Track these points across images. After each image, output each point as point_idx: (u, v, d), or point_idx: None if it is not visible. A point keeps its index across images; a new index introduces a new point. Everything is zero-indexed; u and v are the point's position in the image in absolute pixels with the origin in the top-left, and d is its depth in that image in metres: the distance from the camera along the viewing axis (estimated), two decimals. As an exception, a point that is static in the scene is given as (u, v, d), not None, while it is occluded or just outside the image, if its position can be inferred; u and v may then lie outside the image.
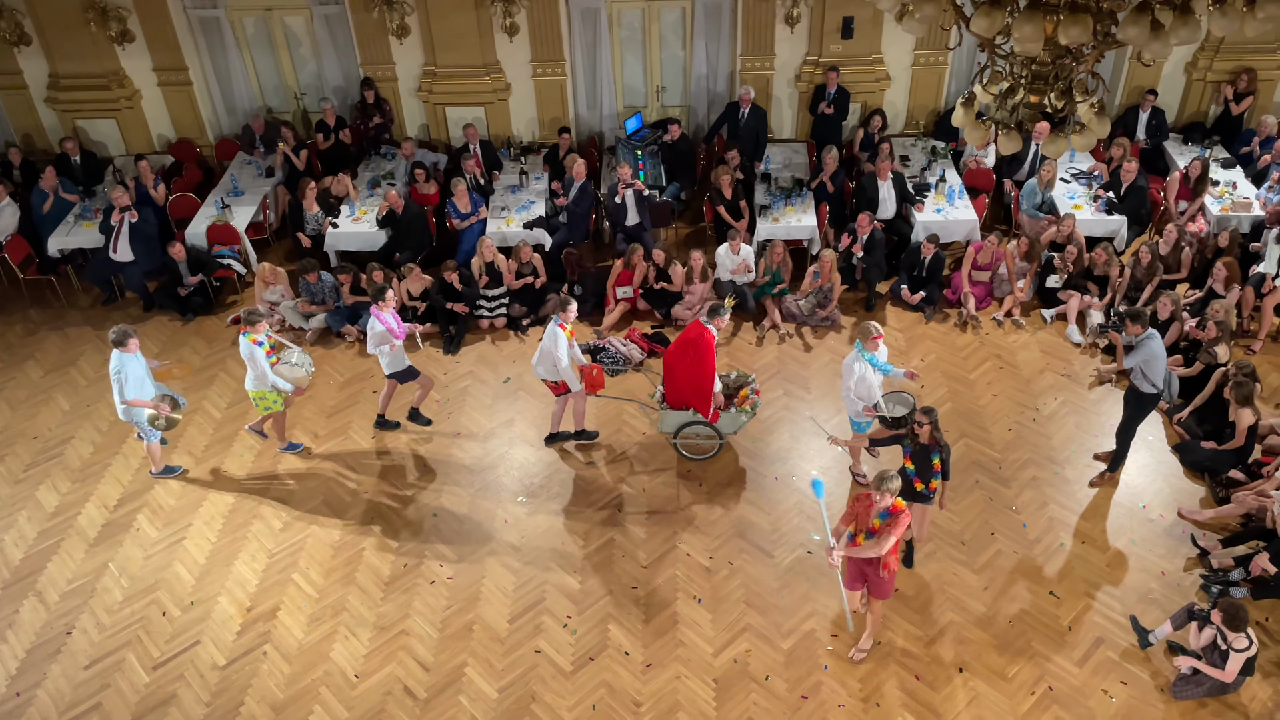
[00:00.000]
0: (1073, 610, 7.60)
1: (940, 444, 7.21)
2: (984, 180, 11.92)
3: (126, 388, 8.27)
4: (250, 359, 8.48)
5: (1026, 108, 5.86)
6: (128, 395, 8.30)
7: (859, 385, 7.98)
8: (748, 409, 8.81)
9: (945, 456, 7.28)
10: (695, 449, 9.01)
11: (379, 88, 12.70)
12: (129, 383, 8.27)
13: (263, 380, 8.58)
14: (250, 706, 7.21)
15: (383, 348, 8.70)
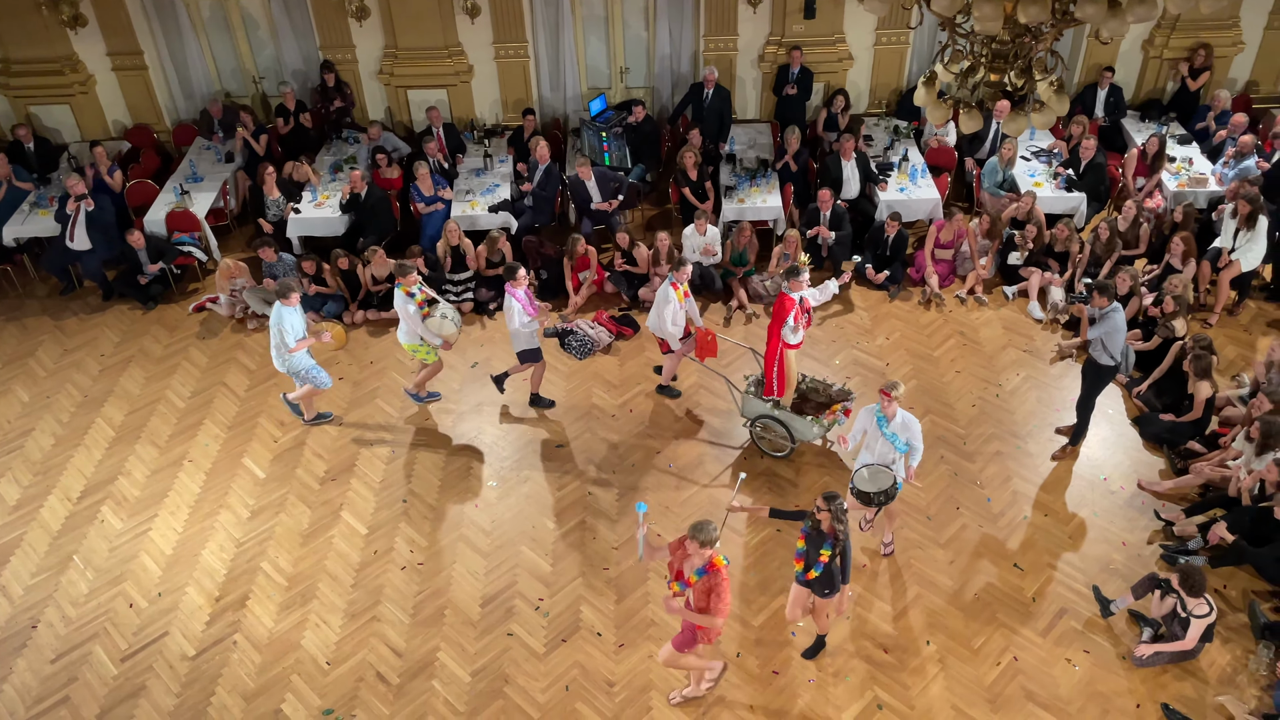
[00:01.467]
0: (1036, 582, 7.74)
1: (839, 538, 6.37)
2: (946, 159, 12.02)
3: (289, 336, 8.50)
4: (403, 311, 8.67)
5: (987, 86, 5.92)
6: (291, 343, 8.53)
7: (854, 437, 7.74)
8: (824, 422, 8.54)
9: (844, 554, 6.42)
10: (770, 444, 8.80)
11: (339, 71, 12.54)
12: (291, 334, 8.51)
13: (412, 334, 8.76)
14: (221, 696, 7.18)
15: (523, 327, 8.69)
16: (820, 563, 6.43)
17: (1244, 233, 9.68)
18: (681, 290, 8.72)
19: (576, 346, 10.10)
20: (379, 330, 10.55)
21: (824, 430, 8.57)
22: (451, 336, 8.87)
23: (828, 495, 6.31)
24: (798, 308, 8.26)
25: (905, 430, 7.29)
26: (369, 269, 10.51)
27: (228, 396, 9.79)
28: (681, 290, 8.72)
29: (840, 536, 6.37)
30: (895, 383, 7.21)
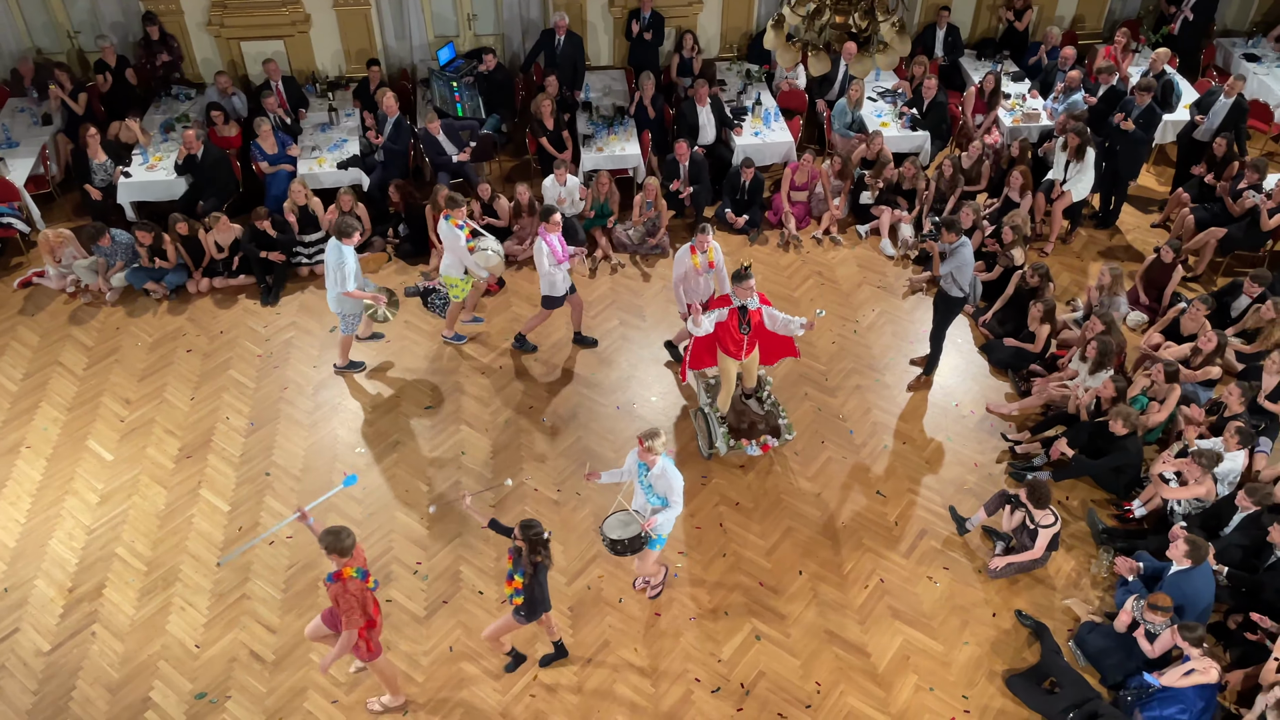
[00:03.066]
0: (898, 506, 8.12)
1: (532, 567, 6.06)
2: (797, 101, 12.22)
3: (349, 280, 8.35)
4: (450, 242, 8.73)
5: (833, 28, 6.02)
6: (349, 286, 8.36)
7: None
8: (738, 445, 8.27)
9: (536, 583, 6.14)
10: (701, 436, 8.53)
11: (163, 23, 11.72)
12: (352, 275, 8.37)
13: (457, 266, 8.82)
14: (83, 689, 6.83)
15: (552, 272, 8.62)
16: (518, 589, 6.15)
17: (1074, 164, 10.23)
18: (696, 258, 8.44)
19: (440, 304, 9.87)
20: (227, 298, 10.06)
21: (727, 451, 8.26)
22: (496, 268, 9.03)
23: (524, 523, 5.97)
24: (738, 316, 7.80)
25: (662, 482, 6.50)
26: (212, 234, 9.96)
27: (65, 376, 9.18)
28: (696, 258, 8.44)
29: (531, 566, 6.04)
30: (654, 430, 6.41)
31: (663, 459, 6.51)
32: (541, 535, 6.03)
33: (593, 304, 10.02)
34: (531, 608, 6.28)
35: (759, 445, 8.29)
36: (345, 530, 5.87)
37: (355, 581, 5.86)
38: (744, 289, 7.61)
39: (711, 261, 8.56)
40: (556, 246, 8.55)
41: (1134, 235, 10.97)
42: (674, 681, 6.93)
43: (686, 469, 7.99)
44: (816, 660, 7.06)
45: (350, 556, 5.89)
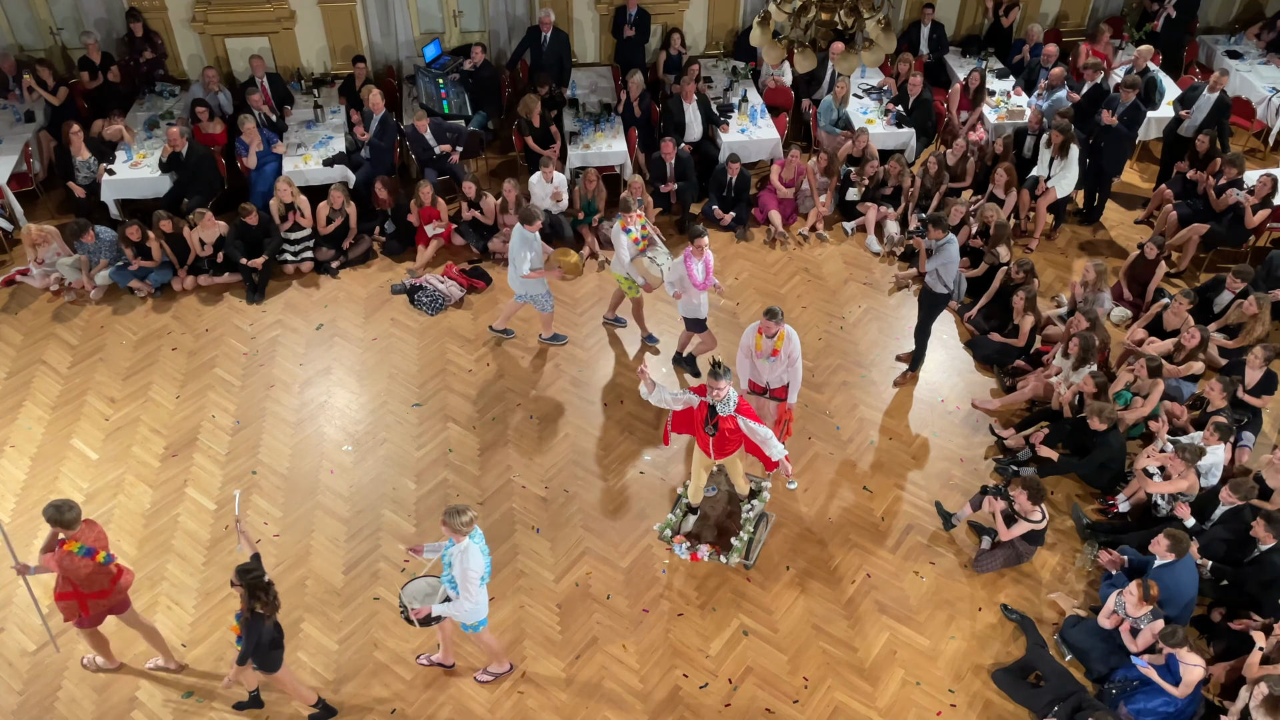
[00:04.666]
0: (884, 502, 8.16)
1: (251, 616, 5.76)
2: (783, 98, 12.24)
3: (535, 259, 8.60)
4: (618, 244, 8.71)
5: (819, 25, 6.04)
6: (526, 270, 8.65)
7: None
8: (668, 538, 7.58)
9: (247, 631, 5.78)
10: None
11: (147, 19, 11.65)
12: (536, 256, 8.60)
13: (622, 264, 8.77)
14: (69, 689, 6.80)
15: (688, 300, 8.47)
16: (236, 633, 5.91)
17: (1058, 161, 10.29)
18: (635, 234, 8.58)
19: (427, 302, 9.87)
20: (213, 295, 10.01)
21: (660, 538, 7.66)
22: (654, 280, 8.76)
23: (240, 568, 5.73)
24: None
25: (458, 565, 5.93)
26: (196, 231, 9.91)
27: (48, 375, 9.13)
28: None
29: (249, 613, 5.74)
30: (460, 508, 5.83)
31: (469, 540, 5.89)
32: (260, 579, 5.67)
33: (579, 301, 10.02)
34: (260, 657, 5.90)
35: (688, 550, 7.47)
36: (69, 503, 5.93)
37: (72, 557, 5.95)
38: (714, 388, 6.63)
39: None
40: (697, 274, 8.27)
41: (1118, 231, 11.04)
42: (662, 677, 6.95)
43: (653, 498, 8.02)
44: (804, 655, 7.09)
45: (74, 530, 5.97)
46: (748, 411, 6.90)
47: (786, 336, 7.58)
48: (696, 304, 8.49)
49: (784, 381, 7.77)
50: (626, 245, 8.67)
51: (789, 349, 7.60)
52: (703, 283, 8.31)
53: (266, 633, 5.86)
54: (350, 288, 10.14)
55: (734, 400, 6.77)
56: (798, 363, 7.64)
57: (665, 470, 8.36)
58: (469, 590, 5.93)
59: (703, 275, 8.30)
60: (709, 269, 8.32)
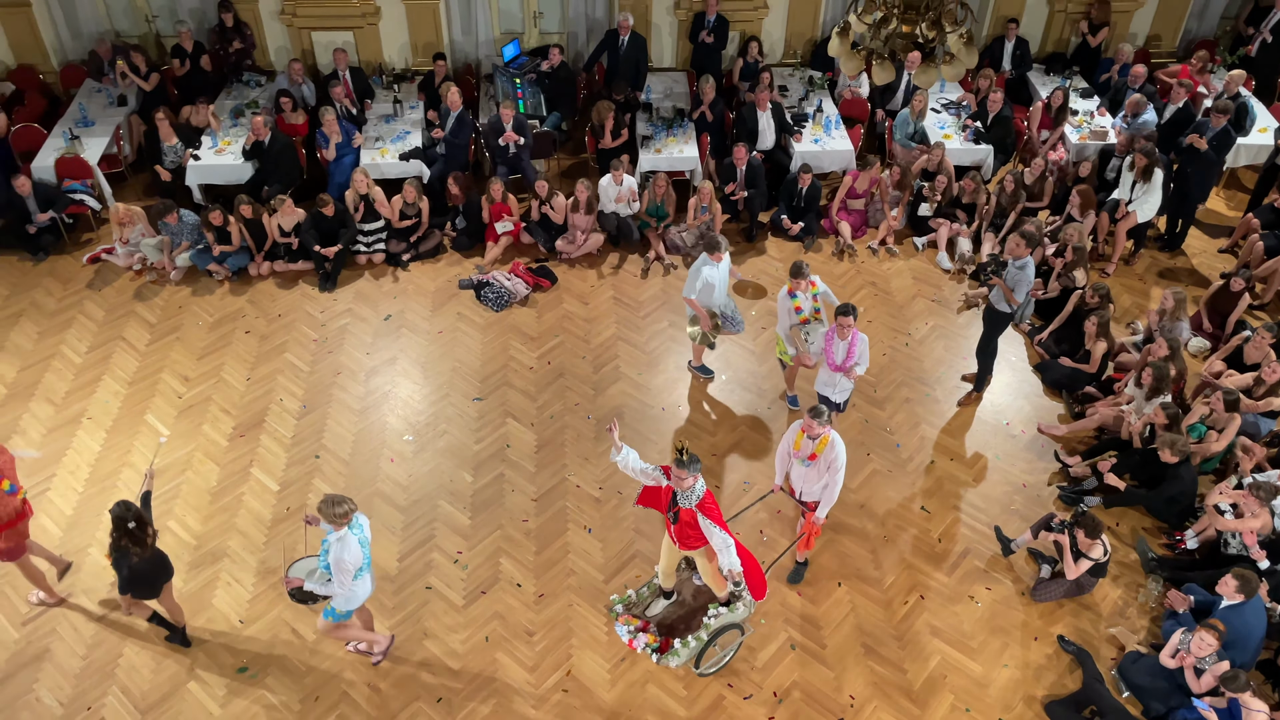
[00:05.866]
0: (942, 523, 8.02)
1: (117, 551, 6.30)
2: (859, 110, 12.13)
3: (703, 293, 8.49)
4: (780, 307, 8.37)
5: (899, 37, 5.97)
6: (690, 294, 8.54)
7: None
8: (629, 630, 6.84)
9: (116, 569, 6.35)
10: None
11: (238, 10, 11.99)
12: (705, 288, 8.47)
13: (783, 329, 8.47)
14: (130, 657, 7.01)
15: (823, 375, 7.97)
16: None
17: (1140, 185, 10.03)
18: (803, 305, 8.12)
19: (493, 298, 9.99)
20: (287, 282, 10.26)
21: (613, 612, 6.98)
22: (804, 359, 8.25)
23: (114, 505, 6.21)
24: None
25: (334, 553, 6.12)
26: (275, 218, 10.17)
27: (127, 351, 9.43)
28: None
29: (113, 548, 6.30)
30: (338, 498, 6.01)
31: (348, 530, 6.05)
32: (123, 520, 6.18)
33: (643, 304, 10.05)
34: (133, 586, 6.52)
35: (629, 634, 6.78)
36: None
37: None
38: (677, 475, 5.99)
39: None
40: (835, 354, 7.68)
41: (1200, 260, 10.71)
42: (707, 686, 6.92)
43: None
44: (851, 673, 7.00)
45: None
46: (712, 511, 6.10)
47: (831, 442, 6.75)
48: (826, 380, 7.91)
49: (818, 493, 6.97)
50: (787, 312, 8.23)
51: (830, 456, 6.76)
52: (840, 364, 7.68)
53: (138, 566, 6.38)
54: (419, 281, 10.31)
55: (699, 494, 6.06)
56: (838, 475, 6.78)
57: (720, 477, 8.33)
58: (341, 579, 6.12)
59: (842, 357, 7.65)
60: (851, 353, 7.64)
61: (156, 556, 6.57)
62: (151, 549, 6.46)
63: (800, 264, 8.06)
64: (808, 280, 8.17)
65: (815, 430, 6.69)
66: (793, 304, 8.24)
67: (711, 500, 6.15)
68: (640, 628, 6.82)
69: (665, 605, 6.99)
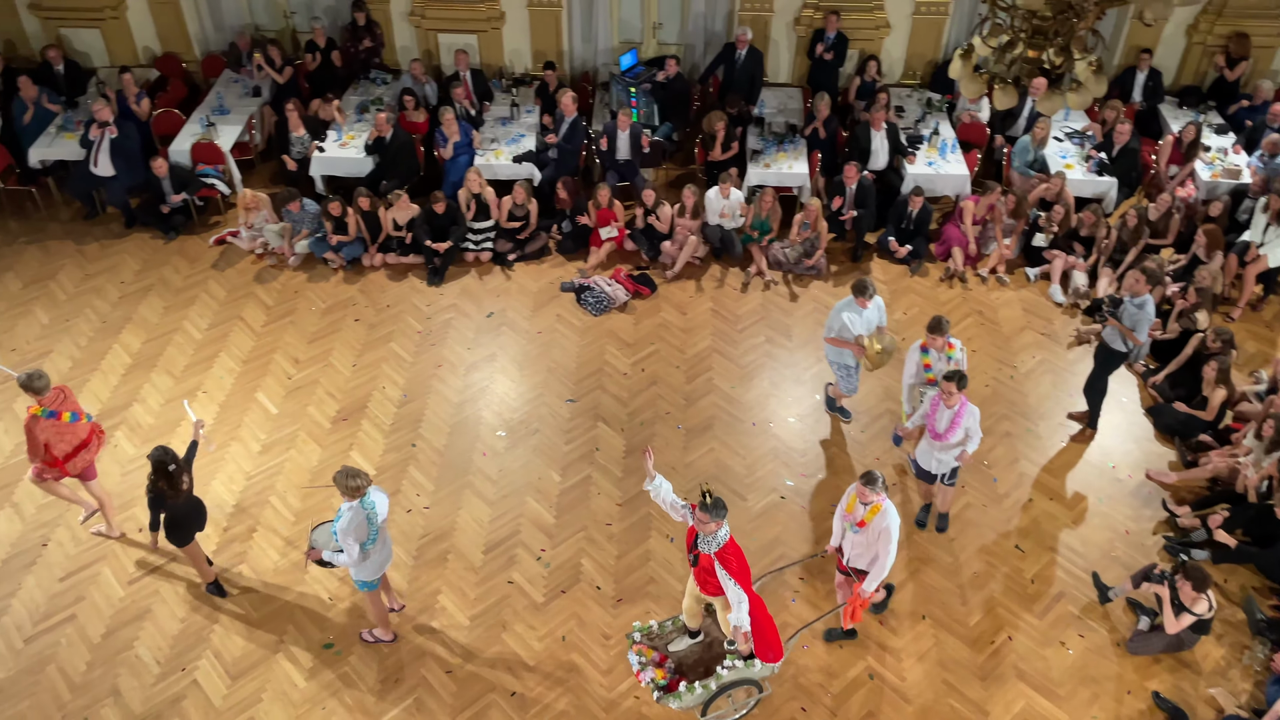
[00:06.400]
0: (1037, 564, 7.76)
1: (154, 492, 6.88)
2: (977, 135, 11.86)
3: (840, 329, 8.09)
4: (908, 358, 7.98)
5: (1024, 62, 5.83)
6: (829, 335, 8.21)
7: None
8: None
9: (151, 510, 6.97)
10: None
11: (370, 10, 12.43)
12: (844, 334, 8.07)
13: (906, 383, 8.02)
14: (224, 625, 7.31)
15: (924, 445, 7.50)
16: None
17: (1274, 228, 9.54)
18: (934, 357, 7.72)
19: (593, 303, 10.10)
20: (397, 274, 10.57)
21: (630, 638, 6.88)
22: (876, 361, 8.09)
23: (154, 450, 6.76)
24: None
25: (342, 523, 6.34)
26: (391, 212, 10.49)
27: (244, 331, 9.85)
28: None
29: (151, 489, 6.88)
30: (355, 471, 6.22)
31: (359, 504, 6.24)
32: (164, 464, 6.64)
33: (741, 318, 10.02)
34: (167, 531, 7.01)
35: (639, 665, 6.67)
36: (39, 373, 7.07)
37: (39, 420, 7.05)
38: (699, 519, 5.82)
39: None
40: (939, 423, 7.20)
41: (1336, 310, 10.14)
42: (779, 706, 6.84)
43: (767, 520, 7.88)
44: (931, 710, 6.83)
45: (43, 396, 7.07)
46: (731, 563, 5.85)
47: (883, 511, 6.33)
48: (926, 449, 7.42)
49: (866, 563, 6.53)
50: (915, 367, 7.81)
51: (880, 525, 6.34)
52: (941, 434, 7.19)
53: (177, 510, 6.87)
54: (522, 281, 10.50)
55: (720, 542, 5.84)
56: (889, 545, 6.32)
57: (807, 500, 8.24)
58: (347, 547, 6.32)
59: (944, 427, 7.16)
60: (955, 424, 7.09)
61: (192, 503, 7.03)
62: (186, 495, 6.89)
63: (940, 319, 7.60)
64: (945, 339, 7.68)
65: (867, 496, 6.31)
66: (922, 360, 7.77)
67: (734, 550, 5.94)
68: (656, 661, 6.70)
69: (689, 644, 6.81)
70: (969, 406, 7.12)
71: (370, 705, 6.85)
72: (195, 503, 7.10)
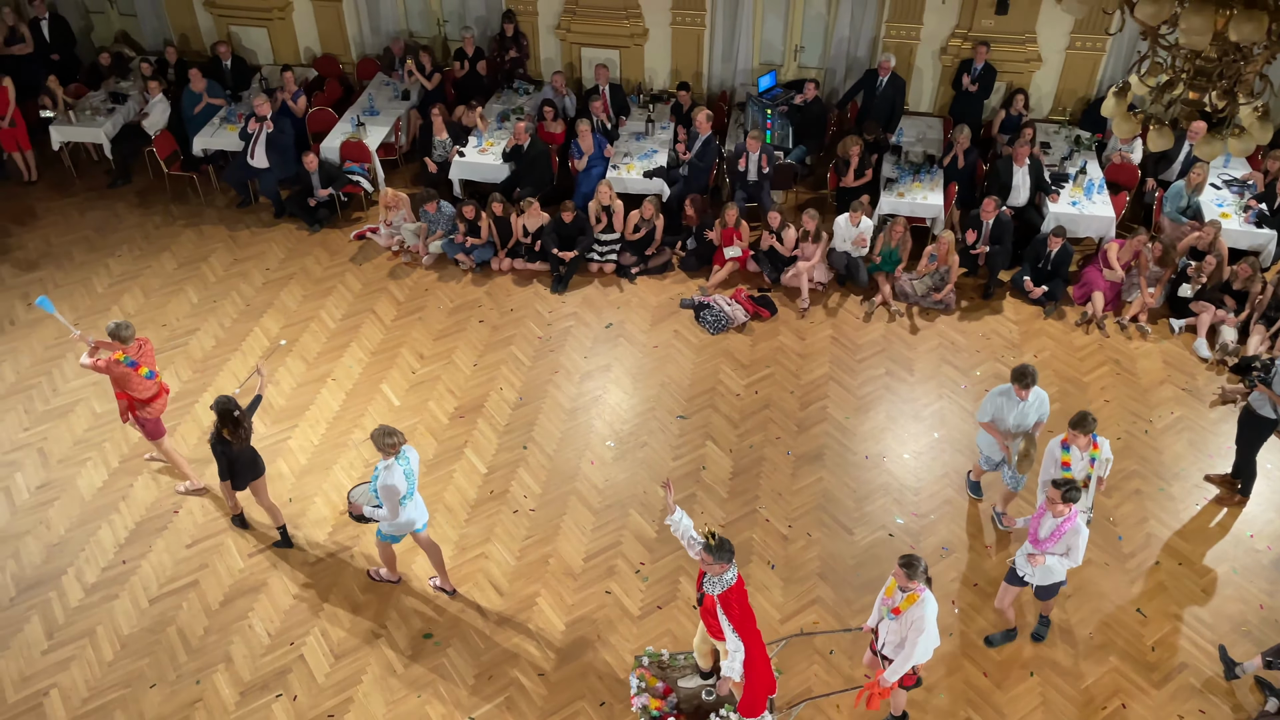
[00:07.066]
0: (1159, 631, 7.34)
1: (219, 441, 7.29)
2: (1127, 176, 11.35)
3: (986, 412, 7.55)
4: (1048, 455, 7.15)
5: (1184, 104, 5.55)
6: (982, 419, 7.61)
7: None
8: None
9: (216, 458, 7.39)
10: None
11: (519, 22, 12.79)
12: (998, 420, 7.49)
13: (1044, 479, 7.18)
14: (333, 604, 7.58)
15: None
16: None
17: None
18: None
19: (711, 321, 10.09)
20: (523, 279, 10.80)
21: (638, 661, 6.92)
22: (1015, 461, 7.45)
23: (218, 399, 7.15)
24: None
25: (381, 480, 6.73)
26: (522, 218, 10.74)
27: (375, 324, 10.23)
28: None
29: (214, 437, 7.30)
30: (390, 429, 6.68)
31: (394, 460, 6.66)
32: (229, 412, 7.08)
33: (861, 348, 9.84)
34: (231, 476, 7.49)
35: (639, 687, 6.67)
36: (125, 323, 7.53)
37: (120, 366, 7.51)
38: (704, 560, 5.82)
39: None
40: (1041, 529, 6.54)
41: None
42: (870, 749, 6.66)
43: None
44: (1030, 771, 6.53)
45: (127, 344, 7.55)
46: (733, 609, 5.74)
47: (920, 601, 5.89)
48: (1024, 551, 6.67)
49: (894, 650, 6.12)
50: (1054, 464, 7.09)
51: (914, 616, 5.91)
52: (1039, 541, 6.53)
53: (239, 457, 7.35)
54: (643, 294, 10.58)
55: (725, 584, 5.75)
56: (919, 638, 5.92)
57: (917, 540, 8.01)
58: (388, 503, 6.73)
59: (1045, 535, 6.49)
60: (1057, 535, 6.43)
61: (250, 452, 7.48)
62: (246, 443, 7.35)
63: (1086, 415, 6.88)
64: (1089, 438, 6.98)
65: (905, 583, 5.92)
66: (1062, 458, 7.05)
67: (739, 595, 5.81)
68: (660, 692, 6.62)
69: (699, 683, 6.67)
70: (1078, 522, 6.38)
71: (463, 699, 6.98)
72: (252, 452, 7.52)
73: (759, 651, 6.02)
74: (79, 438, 8.88)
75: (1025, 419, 7.41)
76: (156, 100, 12.09)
